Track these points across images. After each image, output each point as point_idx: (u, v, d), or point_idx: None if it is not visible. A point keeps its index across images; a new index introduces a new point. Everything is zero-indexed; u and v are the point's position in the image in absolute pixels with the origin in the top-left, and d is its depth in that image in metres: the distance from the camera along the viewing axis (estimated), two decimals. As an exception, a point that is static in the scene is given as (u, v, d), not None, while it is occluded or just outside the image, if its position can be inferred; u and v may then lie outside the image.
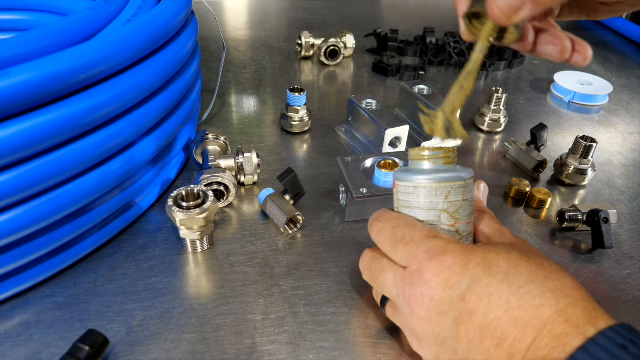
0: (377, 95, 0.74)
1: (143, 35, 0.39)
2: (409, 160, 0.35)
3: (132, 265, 0.42)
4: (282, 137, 0.61)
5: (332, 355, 0.35)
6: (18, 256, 0.35)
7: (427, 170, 0.33)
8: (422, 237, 0.31)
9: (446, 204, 0.32)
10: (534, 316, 0.26)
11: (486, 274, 0.28)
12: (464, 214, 0.33)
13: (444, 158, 0.33)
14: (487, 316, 0.27)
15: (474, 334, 0.28)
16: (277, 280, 0.41)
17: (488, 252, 0.29)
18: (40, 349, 0.34)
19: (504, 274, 0.28)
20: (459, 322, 0.28)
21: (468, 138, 0.34)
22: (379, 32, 0.86)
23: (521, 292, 0.27)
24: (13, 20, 0.58)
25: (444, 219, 0.33)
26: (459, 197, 0.32)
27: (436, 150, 0.33)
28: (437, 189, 0.32)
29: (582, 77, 0.78)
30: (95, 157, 0.37)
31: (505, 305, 0.27)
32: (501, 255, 0.29)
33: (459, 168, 0.33)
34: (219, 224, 0.47)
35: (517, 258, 0.29)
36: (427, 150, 0.33)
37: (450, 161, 0.33)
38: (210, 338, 0.36)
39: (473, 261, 0.29)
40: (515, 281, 0.27)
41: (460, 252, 0.29)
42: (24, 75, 0.30)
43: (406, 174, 0.33)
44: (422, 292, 0.29)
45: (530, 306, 0.26)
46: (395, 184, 0.34)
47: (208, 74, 0.75)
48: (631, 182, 0.57)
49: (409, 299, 0.30)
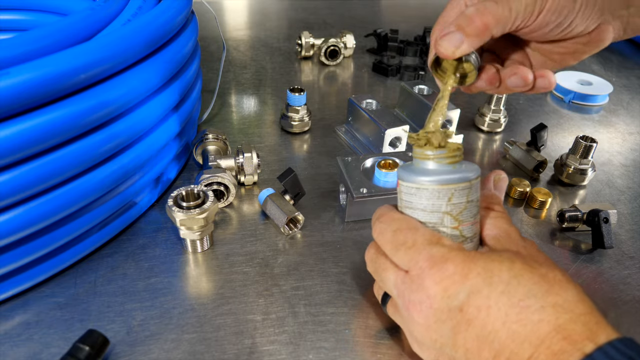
0: (377, 95, 0.74)
1: (143, 35, 0.39)
2: (413, 158, 0.33)
3: (132, 265, 0.42)
4: (282, 137, 0.61)
5: (332, 355, 0.35)
6: (18, 256, 0.35)
7: (431, 170, 0.32)
8: (424, 242, 0.31)
9: (449, 206, 0.31)
10: (531, 331, 0.26)
11: (486, 283, 0.28)
12: (468, 215, 0.32)
13: (448, 157, 0.32)
14: (485, 327, 0.27)
15: (471, 343, 0.28)
16: (277, 280, 0.41)
17: (490, 261, 0.29)
18: (40, 349, 0.34)
19: (504, 285, 0.28)
20: (456, 330, 0.28)
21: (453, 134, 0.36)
22: (379, 32, 0.86)
23: (521, 306, 0.27)
24: (13, 20, 0.58)
25: (446, 221, 0.32)
26: (463, 199, 0.32)
27: (441, 149, 0.32)
28: (439, 191, 0.31)
29: (582, 77, 0.78)
30: (95, 157, 0.37)
31: (504, 318, 0.27)
32: (504, 264, 0.29)
33: (464, 166, 0.32)
34: (219, 224, 0.47)
35: (520, 269, 0.28)
36: (431, 149, 0.32)
37: (456, 160, 0.32)
38: (210, 338, 0.36)
39: (474, 270, 0.28)
40: (515, 294, 0.27)
41: (461, 260, 0.29)
42: (24, 75, 0.30)
43: (409, 174, 0.32)
44: (420, 298, 0.29)
45: (529, 321, 0.26)
46: (399, 183, 0.33)
47: (208, 74, 0.75)
48: (631, 182, 0.57)
49: (407, 303, 0.30)
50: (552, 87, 0.36)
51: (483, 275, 0.28)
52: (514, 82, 0.36)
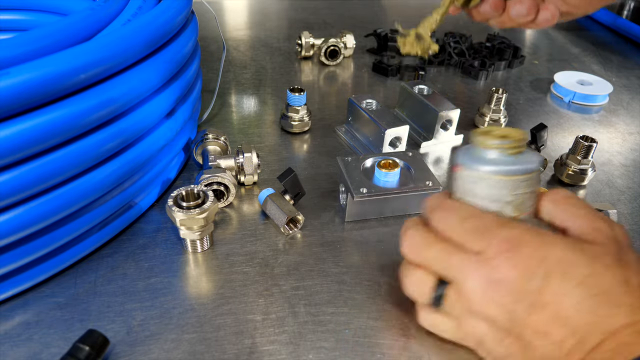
0: (377, 95, 0.74)
1: (143, 35, 0.39)
2: (475, 145, 0.32)
3: (132, 265, 0.42)
4: (282, 137, 0.61)
5: (332, 355, 0.35)
6: (18, 256, 0.35)
7: (494, 160, 0.31)
8: (496, 225, 0.30)
9: (511, 196, 0.31)
10: (604, 322, 0.27)
11: (563, 273, 0.28)
12: (528, 205, 0.32)
13: (512, 148, 0.31)
14: (558, 313, 0.28)
15: (542, 325, 0.28)
16: (277, 280, 0.41)
17: (568, 251, 0.29)
18: (40, 349, 0.34)
19: (580, 279, 0.28)
20: (530, 311, 0.29)
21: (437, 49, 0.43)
22: (379, 32, 0.86)
23: (596, 300, 0.27)
24: (13, 20, 0.58)
25: (507, 210, 0.32)
26: (527, 190, 0.31)
27: (504, 139, 0.31)
28: (504, 182, 0.31)
29: (582, 77, 0.78)
30: (95, 157, 0.37)
31: (578, 307, 0.27)
32: (582, 260, 0.28)
33: (527, 156, 0.32)
34: (219, 224, 0.47)
35: (601, 267, 0.28)
36: (495, 139, 0.31)
37: (519, 151, 0.31)
38: (210, 338, 0.36)
39: (551, 257, 0.29)
40: (592, 289, 0.27)
41: (538, 244, 0.29)
42: (24, 75, 0.30)
43: (472, 161, 0.32)
44: (499, 277, 0.29)
45: (603, 314, 0.27)
46: (459, 168, 0.33)
47: (208, 74, 0.75)
48: (631, 182, 0.57)
49: (484, 282, 0.30)
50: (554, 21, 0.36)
51: (560, 265, 0.28)
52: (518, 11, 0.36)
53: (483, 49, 0.86)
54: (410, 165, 0.49)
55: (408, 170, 0.49)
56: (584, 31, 1.07)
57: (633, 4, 1.13)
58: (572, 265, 0.28)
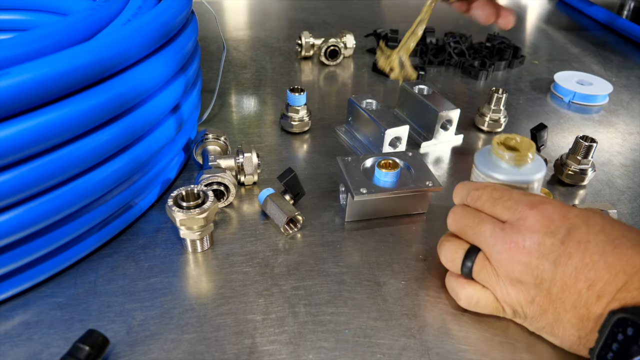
0: (377, 95, 0.74)
1: (143, 35, 0.39)
2: (491, 150, 0.40)
3: (132, 265, 0.42)
4: (282, 137, 0.61)
5: (332, 355, 0.35)
6: (18, 256, 0.35)
7: (502, 168, 0.39)
8: (520, 194, 0.35)
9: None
10: (627, 263, 0.29)
11: (584, 223, 0.32)
12: None
13: (516, 160, 0.38)
14: (583, 259, 0.30)
15: (569, 275, 0.31)
16: (277, 280, 0.41)
17: (585, 210, 0.33)
18: (40, 349, 0.34)
19: (600, 227, 0.31)
20: (557, 263, 0.31)
21: (416, 76, 0.51)
22: (379, 32, 0.86)
23: (616, 243, 0.30)
24: (13, 20, 0.58)
25: None
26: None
27: (513, 151, 0.39)
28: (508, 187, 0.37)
29: (582, 77, 0.78)
30: (95, 157, 0.37)
31: (601, 251, 0.30)
32: (597, 213, 0.33)
33: (533, 167, 0.39)
34: (219, 224, 0.47)
35: (612, 219, 0.32)
36: (505, 151, 0.38)
37: (524, 163, 0.38)
38: (210, 338, 0.36)
39: (571, 212, 0.32)
40: (610, 234, 0.31)
41: (559, 204, 0.33)
42: (24, 75, 0.30)
43: (483, 164, 0.40)
44: (524, 236, 0.32)
45: (624, 255, 0.29)
46: (475, 167, 0.41)
47: (208, 74, 0.75)
48: (631, 182, 0.57)
49: (509, 243, 0.33)
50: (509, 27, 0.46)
51: (580, 217, 0.32)
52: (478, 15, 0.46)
53: (483, 49, 0.86)
54: (410, 166, 0.49)
55: (408, 171, 0.49)
56: (584, 31, 1.07)
57: (633, 4, 1.13)
58: (590, 216, 0.32)
